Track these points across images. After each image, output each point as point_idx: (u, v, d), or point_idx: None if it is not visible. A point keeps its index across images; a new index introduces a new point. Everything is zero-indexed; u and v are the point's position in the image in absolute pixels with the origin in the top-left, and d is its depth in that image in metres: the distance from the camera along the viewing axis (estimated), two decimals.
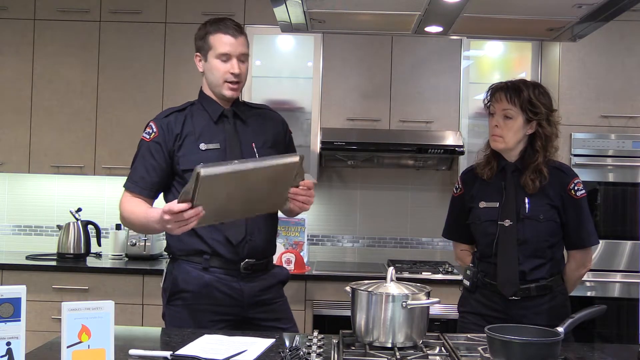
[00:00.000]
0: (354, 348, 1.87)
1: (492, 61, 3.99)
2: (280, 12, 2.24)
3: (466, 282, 2.38)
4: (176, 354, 1.74)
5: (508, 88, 2.29)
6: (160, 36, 3.89)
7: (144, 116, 2.76)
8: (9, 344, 1.41)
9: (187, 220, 1.91)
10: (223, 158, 2.23)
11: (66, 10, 3.90)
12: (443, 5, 2.11)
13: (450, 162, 4.03)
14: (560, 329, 1.75)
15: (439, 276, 3.54)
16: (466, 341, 1.96)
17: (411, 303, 1.81)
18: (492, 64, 3.99)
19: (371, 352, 1.80)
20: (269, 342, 1.89)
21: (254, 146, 2.31)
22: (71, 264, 3.72)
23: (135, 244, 3.88)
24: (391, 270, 1.91)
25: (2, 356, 1.40)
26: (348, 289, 1.93)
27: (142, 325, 3.49)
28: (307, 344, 1.87)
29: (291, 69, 3.99)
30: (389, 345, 1.82)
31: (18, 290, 1.43)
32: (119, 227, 3.97)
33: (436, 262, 3.98)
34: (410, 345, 1.83)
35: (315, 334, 1.97)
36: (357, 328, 1.88)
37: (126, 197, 2.27)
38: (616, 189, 3.52)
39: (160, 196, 2.33)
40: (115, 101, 3.90)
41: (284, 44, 3.97)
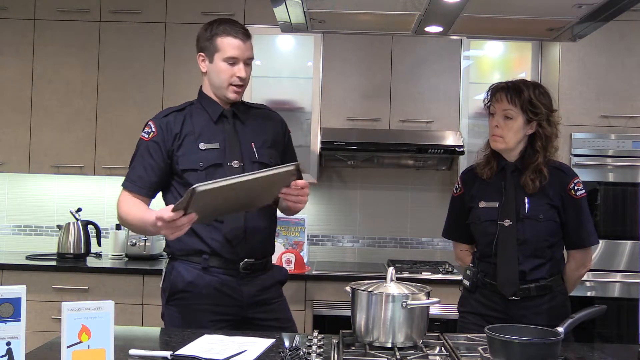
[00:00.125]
0: (354, 348, 1.87)
1: (492, 61, 3.99)
2: (280, 12, 2.24)
3: (466, 282, 2.38)
4: (176, 354, 1.74)
5: (508, 88, 2.29)
6: (160, 36, 3.89)
7: (144, 116, 2.75)
8: (9, 344, 1.41)
9: (180, 227, 1.93)
10: (222, 158, 2.24)
11: (66, 10, 3.90)
12: (443, 5, 2.11)
13: (450, 162, 4.03)
14: (560, 329, 1.75)
15: (439, 276, 3.53)
16: (466, 341, 1.96)
17: (411, 303, 1.81)
18: (492, 64, 3.98)
19: (371, 352, 1.80)
20: (269, 342, 1.89)
21: (253, 146, 2.31)
22: (71, 264, 3.72)
23: (135, 244, 3.88)
24: (391, 270, 1.91)
25: (2, 356, 1.40)
26: (348, 289, 1.93)
27: (142, 325, 3.49)
28: (307, 344, 1.87)
29: (291, 69, 3.99)
30: (389, 345, 1.82)
31: (18, 290, 1.43)
32: (119, 227, 3.97)
33: (436, 262, 3.98)
34: (410, 345, 1.83)
35: (315, 334, 1.97)
36: (357, 328, 1.88)
37: (124, 197, 2.27)
38: (616, 189, 3.52)
39: (159, 196, 2.33)
40: (115, 101, 3.90)
41: (284, 44, 3.97)
